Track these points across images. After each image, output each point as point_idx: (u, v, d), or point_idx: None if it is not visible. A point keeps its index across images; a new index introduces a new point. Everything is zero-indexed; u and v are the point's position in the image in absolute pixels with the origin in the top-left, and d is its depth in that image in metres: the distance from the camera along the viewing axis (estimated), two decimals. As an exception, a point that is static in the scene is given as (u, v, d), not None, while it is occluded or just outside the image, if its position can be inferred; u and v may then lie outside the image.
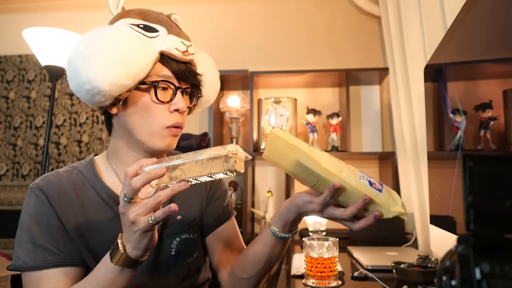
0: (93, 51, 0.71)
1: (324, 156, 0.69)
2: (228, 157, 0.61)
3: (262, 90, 2.26)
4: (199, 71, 0.85)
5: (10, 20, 2.57)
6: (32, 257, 0.75)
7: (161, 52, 0.77)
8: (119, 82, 0.72)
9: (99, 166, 0.88)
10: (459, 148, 0.77)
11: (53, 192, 0.80)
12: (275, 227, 0.78)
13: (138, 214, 0.63)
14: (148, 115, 0.78)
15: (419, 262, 1.01)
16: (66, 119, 2.41)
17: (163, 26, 0.80)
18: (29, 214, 0.79)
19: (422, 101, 1.22)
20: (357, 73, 2.02)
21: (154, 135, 0.79)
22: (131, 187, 0.62)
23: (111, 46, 0.72)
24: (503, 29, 0.57)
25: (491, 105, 0.65)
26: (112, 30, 0.75)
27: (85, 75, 0.71)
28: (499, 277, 0.31)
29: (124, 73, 0.72)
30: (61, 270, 0.76)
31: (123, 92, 0.75)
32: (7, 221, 2.33)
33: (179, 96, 0.80)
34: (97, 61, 0.71)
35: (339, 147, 2.01)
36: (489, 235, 0.41)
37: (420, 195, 1.53)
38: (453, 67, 0.85)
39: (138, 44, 0.74)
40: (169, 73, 0.79)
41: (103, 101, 0.75)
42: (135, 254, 0.66)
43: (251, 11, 2.36)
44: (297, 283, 1.02)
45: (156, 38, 0.77)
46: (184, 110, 0.80)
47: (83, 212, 0.81)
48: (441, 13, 1.18)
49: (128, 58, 0.72)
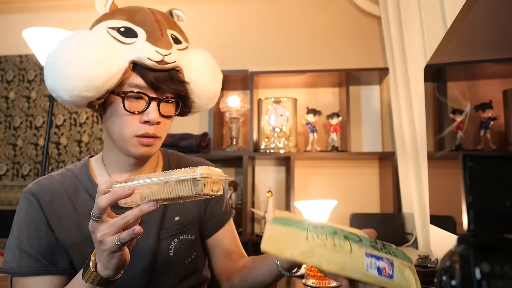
0: (56, 61, 0.71)
1: (324, 254, 0.57)
2: (196, 180, 0.58)
3: (262, 90, 2.26)
4: (187, 78, 0.79)
5: (10, 20, 2.57)
6: (17, 262, 0.76)
7: (133, 61, 0.73)
8: (79, 95, 0.71)
9: (94, 168, 0.87)
10: (459, 148, 0.77)
11: (45, 196, 0.80)
12: (282, 265, 0.76)
13: (105, 234, 0.61)
14: (120, 124, 0.77)
15: (419, 262, 1.01)
16: (66, 119, 2.41)
17: (144, 30, 0.76)
18: (19, 219, 0.79)
19: (422, 101, 1.22)
20: (357, 73, 2.02)
21: (126, 142, 0.78)
22: (97, 206, 0.60)
23: (71, 57, 0.70)
24: (503, 29, 0.57)
25: (491, 105, 0.65)
26: (81, 39, 0.73)
27: (50, 84, 0.73)
28: (499, 277, 0.31)
29: (83, 86, 0.70)
30: (45, 278, 0.76)
31: (93, 100, 0.74)
32: (7, 221, 2.33)
33: (151, 107, 0.75)
34: (57, 73, 0.71)
35: (339, 147, 2.01)
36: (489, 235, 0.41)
37: (420, 195, 1.53)
38: (453, 67, 0.85)
39: (103, 55, 0.71)
40: (142, 82, 0.74)
41: (76, 107, 0.77)
42: (106, 273, 0.64)
43: (251, 11, 2.36)
44: (297, 283, 1.02)
45: (131, 45, 0.74)
46: (155, 121, 0.76)
47: (76, 216, 0.80)
48: (441, 13, 1.18)
49: (88, 72, 0.70)
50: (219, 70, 0.88)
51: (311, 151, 2.01)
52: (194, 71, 0.80)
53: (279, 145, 2.01)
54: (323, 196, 2.03)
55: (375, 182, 2.14)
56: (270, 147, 2.02)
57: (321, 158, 2.13)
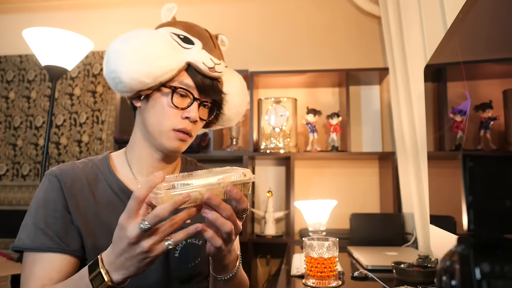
0: (126, 47, 0.80)
1: None
2: (246, 184, 0.61)
3: (262, 90, 2.26)
4: (225, 90, 0.90)
5: (10, 20, 2.57)
6: (32, 238, 0.77)
7: (189, 63, 0.83)
8: (139, 79, 0.79)
9: (115, 161, 0.92)
10: (459, 148, 0.77)
11: (67, 179, 0.83)
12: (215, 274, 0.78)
13: (154, 243, 0.59)
14: (161, 115, 0.83)
15: (419, 262, 1.01)
16: (66, 119, 2.41)
17: (200, 41, 0.86)
18: (38, 198, 0.82)
19: (422, 101, 1.22)
20: (357, 73, 2.02)
21: (162, 134, 0.84)
22: (156, 217, 0.57)
23: (141, 46, 0.80)
24: (503, 29, 0.57)
25: (491, 105, 0.65)
26: (149, 34, 0.83)
27: (113, 65, 0.80)
28: (499, 277, 0.31)
29: (145, 72, 0.79)
30: (56, 256, 0.77)
31: (144, 89, 0.82)
32: (7, 221, 2.33)
33: (194, 106, 0.84)
34: (126, 56, 0.79)
35: (339, 147, 2.01)
36: (489, 235, 0.41)
37: (420, 195, 1.53)
38: (453, 67, 0.85)
39: (167, 50, 0.81)
40: (192, 83, 0.84)
41: (125, 92, 0.83)
42: (122, 278, 0.63)
43: (252, 11, 2.36)
44: (297, 283, 1.02)
45: (189, 50, 0.84)
46: (195, 119, 0.84)
47: (93, 204, 0.83)
48: (441, 13, 1.18)
49: (153, 61, 0.79)
50: (247, 92, 1.00)
51: (311, 151, 2.01)
52: (232, 86, 0.92)
53: (279, 145, 2.01)
54: (323, 196, 2.03)
55: (375, 182, 2.14)
56: (270, 147, 2.02)
57: (321, 158, 2.13)
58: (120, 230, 0.60)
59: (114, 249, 0.62)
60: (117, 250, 0.61)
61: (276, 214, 2.04)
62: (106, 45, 0.84)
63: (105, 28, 2.46)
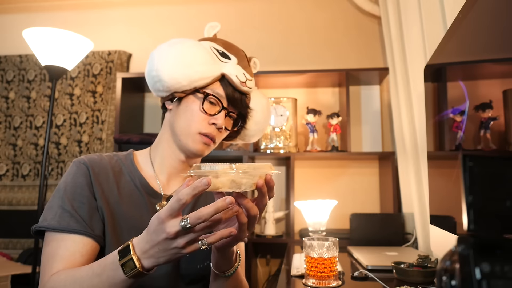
0: (171, 49, 0.87)
1: None
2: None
3: (262, 90, 2.26)
4: (252, 106, 0.97)
5: (10, 20, 2.57)
6: (57, 220, 0.79)
7: (223, 74, 0.90)
8: (177, 79, 0.86)
9: (138, 158, 0.96)
10: (459, 148, 0.77)
11: (95, 167, 0.87)
12: (217, 270, 0.79)
13: (189, 241, 0.62)
14: (191, 118, 0.89)
15: (419, 262, 1.01)
16: (66, 119, 2.41)
17: (236, 58, 0.94)
18: (66, 182, 0.84)
19: (422, 101, 1.22)
20: (357, 73, 2.02)
21: (189, 136, 0.89)
22: (199, 218, 0.60)
23: (185, 51, 0.87)
24: (503, 29, 0.57)
25: (491, 105, 0.65)
26: (194, 43, 0.90)
27: (156, 64, 0.86)
28: (499, 277, 0.31)
29: (184, 74, 0.85)
30: (81, 238, 0.79)
31: (179, 91, 0.88)
32: (7, 221, 2.33)
33: (221, 114, 0.90)
34: (169, 57, 0.86)
35: (339, 147, 2.01)
36: (489, 235, 0.41)
37: (420, 195, 1.53)
38: (453, 67, 0.85)
39: (206, 59, 0.88)
40: (223, 93, 0.90)
41: (161, 91, 0.89)
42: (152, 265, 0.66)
43: (251, 11, 2.36)
44: (297, 283, 1.02)
45: (226, 63, 0.91)
46: (221, 126, 0.89)
47: (117, 194, 0.87)
48: (441, 13, 1.18)
49: (193, 65, 0.86)
50: (271, 113, 1.08)
51: (311, 151, 2.01)
52: (258, 104, 0.99)
53: (279, 145, 2.01)
54: (323, 196, 2.03)
55: (375, 182, 2.14)
56: (270, 147, 2.02)
57: (321, 158, 2.13)
58: (158, 224, 0.62)
59: (149, 239, 0.64)
60: (153, 241, 0.63)
61: (276, 214, 2.04)
62: (106, 45, 0.86)
63: (105, 28, 2.46)
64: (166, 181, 0.94)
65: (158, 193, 0.92)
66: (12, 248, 2.28)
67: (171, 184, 0.95)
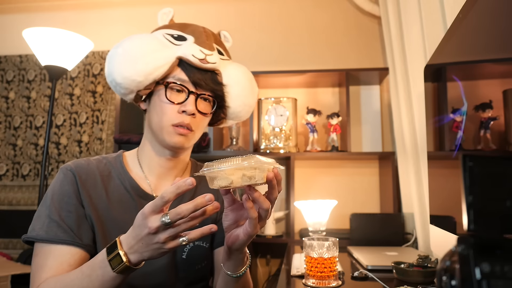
0: (118, 50, 0.84)
1: None
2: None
3: (262, 90, 2.26)
4: (225, 81, 0.90)
5: (10, 20, 2.57)
6: (45, 230, 0.79)
7: (180, 58, 0.85)
8: (130, 77, 0.82)
9: (128, 159, 0.94)
10: (459, 148, 0.77)
11: (81, 173, 0.86)
12: (228, 271, 0.77)
13: (170, 237, 0.63)
14: (160, 112, 0.86)
15: (419, 262, 1.01)
16: (66, 119, 2.41)
17: (193, 36, 0.88)
18: (53, 190, 0.83)
19: (422, 101, 1.22)
20: (357, 73, 2.02)
21: (163, 130, 0.86)
22: (178, 214, 0.61)
23: (131, 47, 0.83)
24: (503, 29, 0.57)
25: (491, 105, 0.65)
26: (140, 36, 0.86)
27: (108, 68, 0.85)
28: (499, 277, 0.31)
29: (135, 70, 0.82)
30: (68, 249, 0.78)
31: (140, 88, 0.85)
32: (7, 221, 2.33)
33: (190, 100, 0.85)
34: (117, 58, 0.84)
35: (339, 147, 2.01)
36: (489, 235, 0.41)
37: (420, 195, 1.53)
38: (453, 67, 0.85)
39: (156, 48, 0.84)
40: (185, 77, 0.85)
41: (124, 94, 0.87)
42: (138, 260, 0.66)
43: (251, 11, 2.36)
44: (297, 283, 1.02)
45: (180, 46, 0.86)
46: (191, 112, 0.84)
47: (106, 200, 0.85)
48: (441, 13, 1.18)
49: (142, 58, 0.82)
50: (255, 85, 0.98)
51: (311, 151, 2.01)
52: (231, 77, 0.91)
53: (279, 145, 2.01)
54: (323, 196, 2.03)
55: (375, 182, 2.14)
56: (270, 147, 2.02)
57: (321, 158, 2.13)
58: (142, 219, 0.64)
59: (134, 234, 0.65)
60: (137, 235, 0.65)
61: (276, 214, 2.04)
62: (106, 45, 0.87)
63: (105, 28, 2.46)
64: (156, 181, 0.93)
65: (149, 194, 0.90)
66: (12, 248, 2.28)
67: (162, 184, 0.93)
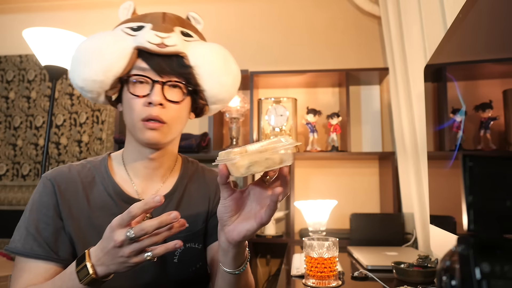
0: (74, 54, 0.82)
1: None
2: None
3: (262, 90, 2.26)
4: (192, 63, 0.82)
5: (10, 20, 2.57)
6: (22, 243, 0.78)
7: (137, 48, 0.80)
8: (90, 78, 0.79)
9: (113, 162, 0.91)
10: (459, 148, 0.77)
11: (61, 183, 0.83)
12: (230, 269, 0.72)
13: (134, 251, 0.63)
14: (129, 109, 0.81)
15: (419, 262, 1.01)
16: (66, 119, 2.41)
17: (151, 23, 0.83)
18: (33, 201, 0.82)
19: (422, 101, 1.22)
20: (357, 73, 2.02)
21: (135, 128, 0.81)
22: (142, 230, 0.61)
23: (84, 47, 0.81)
24: (503, 29, 0.57)
25: (491, 105, 0.65)
26: (94, 35, 0.83)
27: (70, 72, 0.83)
28: (499, 277, 0.31)
29: (91, 70, 0.79)
30: (43, 264, 0.78)
31: (106, 89, 0.82)
32: (7, 221, 2.33)
33: (155, 90, 0.79)
34: (74, 62, 0.82)
35: (339, 147, 2.01)
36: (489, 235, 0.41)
37: (420, 195, 1.53)
38: (453, 67, 0.85)
39: (109, 43, 0.80)
40: (146, 66, 0.80)
41: (92, 98, 0.84)
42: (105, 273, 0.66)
43: (251, 11, 2.36)
44: (297, 283, 1.02)
45: (136, 36, 0.81)
46: (158, 102, 0.78)
47: (87, 207, 0.83)
48: (441, 13, 1.18)
49: (97, 57, 0.79)
50: (232, 62, 0.90)
51: (311, 151, 2.01)
52: (198, 57, 0.84)
53: (279, 145, 2.01)
54: (323, 196, 2.03)
55: (375, 182, 2.14)
56: (270, 147, 2.02)
57: (321, 158, 2.13)
58: (110, 232, 0.64)
59: (102, 247, 0.66)
60: (104, 248, 0.65)
61: (276, 214, 2.04)
62: None
63: (105, 28, 2.45)
64: (142, 183, 0.89)
65: (135, 198, 0.86)
66: (12, 248, 2.28)
67: (149, 186, 0.90)
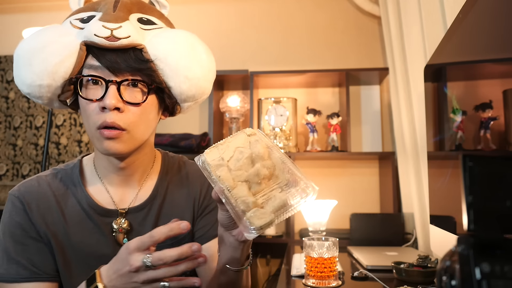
0: (14, 56, 0.70)
1: None
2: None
3: (262, 90, 2.26)
4: (152, 56, 0.70)
5: (10, 20, 2.57)
6: (5, 268, 0.73)
7: (84, 43, 0.68)
8: (34, 83, 0.68)
9: (85, 169, 0.82)
10: (459, 148, 0.77)
11: (31, 200, 0.75)
12: (236, 267, 0.70)
13: (149, 280, 0.60)
14: (85, 116, 0.71)
15: (419, 262, 1.01)
16: (66, 119, 2.41)
17: (102, 12, 0.71)
18: (4, 223, 0.75)
19: (422, 101, 1.22)
20: (357, 73, 2.02)
21: (93, 137, 0.71)
22: (160, 260, 0.58)
23: (22, 47, 0.69)
24: (503, 29, 0.57)
25: (491, 105, 0.65)
26: (36, 32, 0.71)
27: (15, 80, 0.71)
28: (499, 277, 0.31)
29: (33, 73, 0.67)
30: (34, 285, 0.74)
31: (57, 93, 0.71)
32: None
33: (110, 91, 0.67)
34: (15, 66, 0.70)
35: (339, 147, 2.01)
36: (489, 235, 0.41)
37: (420, 195, 1.53)
38: (453, 67, 0.85)
39: (51, 40, 0.68)
40: (98, 64, 0.68)
41: (45, 104, 0.73)
42: None
43: (251, 11, 2.36)
44: (297, 283, 1.02)
45: (83, 29, 0.69)
46: (113, 106, 0.67)
47: (63, 222, 0.76)
48: (441, 13, 1.18)
49: (35, 58, 0.67)
50: (202, 50, 0.77)
51: (311, 151, 2.01)
52: (159, 48, 0.71)
53: (279, 145, 2.01)
54: (323, 196, 2.03)
55: (375, 182, 2.14)
56: (270, 147, 2.02)
57: (321, 158, 2.13)
58: (126, 254, 0.61)
59: (115, 268, 0.62)
60: (118, 270, 0.61)
61: (276, 214, 2.03)
62: None
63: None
64: (117, 191, 0.80)
65: (112, 209, 0.78)
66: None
67: (125, 193, 0.81)
